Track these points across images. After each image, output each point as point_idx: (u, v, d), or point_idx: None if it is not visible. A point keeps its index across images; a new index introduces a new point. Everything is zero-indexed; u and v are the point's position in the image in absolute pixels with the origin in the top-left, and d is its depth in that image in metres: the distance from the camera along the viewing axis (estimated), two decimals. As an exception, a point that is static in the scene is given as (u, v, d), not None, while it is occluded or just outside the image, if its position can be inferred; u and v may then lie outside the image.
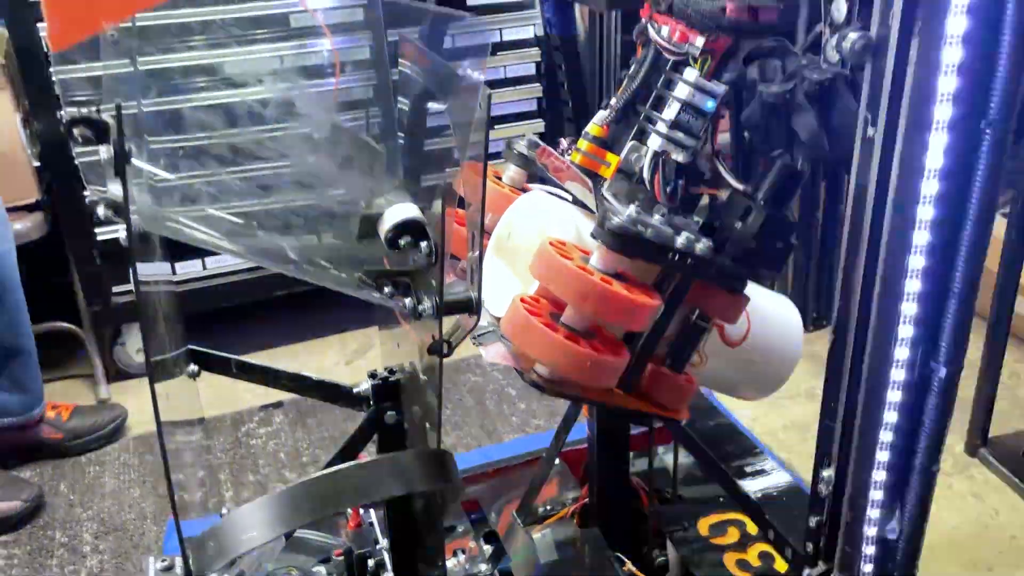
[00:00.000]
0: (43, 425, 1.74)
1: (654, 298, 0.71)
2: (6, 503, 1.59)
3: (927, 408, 0.65)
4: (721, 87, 0.75)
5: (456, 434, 1.80)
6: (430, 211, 0.66)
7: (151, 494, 1.69)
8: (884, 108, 0.61)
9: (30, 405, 1.70)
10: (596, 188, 0.79)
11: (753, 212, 0.76)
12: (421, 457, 0.63)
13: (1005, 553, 1.46)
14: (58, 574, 1.51)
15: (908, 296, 0.62)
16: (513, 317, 0.71)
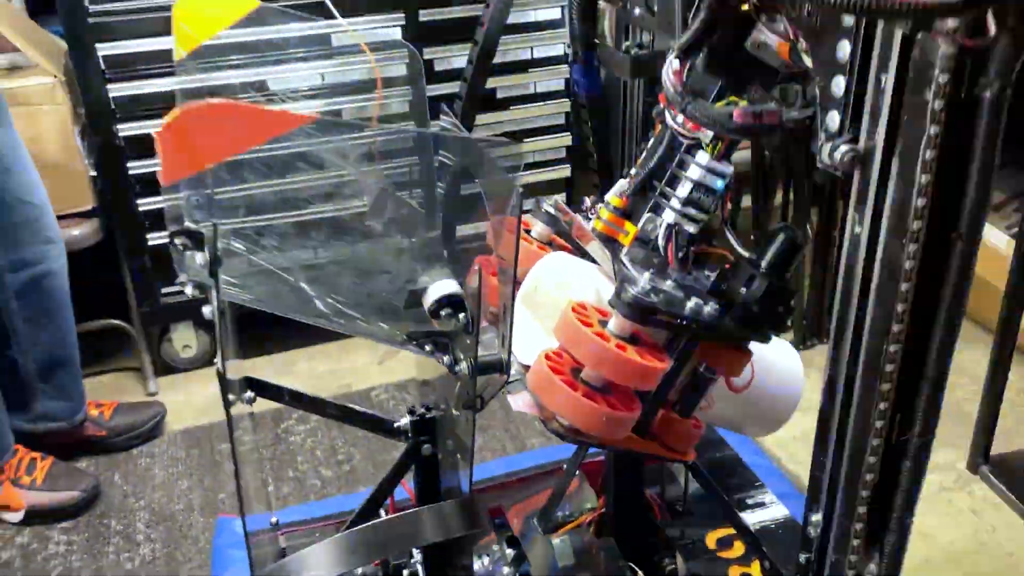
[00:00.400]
0: (87, 423, 1.87)
1: (664, 361, 0.80)
2: (66, 493, 1.72)
3: (902, 470, 0.74)
4: (730, 168, 0.83)
5: (482, 437, 1.90)
6: (467, 284, 0.76)
7: (198, 487, 1.81)
8: (869, 212, 0.69)
9: (73, 411, 1.82)
10: (615, 253, 0.87)
11: (757, 280, 0.84)
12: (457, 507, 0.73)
13: (1001, 570, 1.54)
14: (114, 560, 1.64)
15: (886, 376, 0.70)
16: (537, 374, 0.80)
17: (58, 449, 1.81)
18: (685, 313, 0.81)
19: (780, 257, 0.85)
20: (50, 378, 1.78)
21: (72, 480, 1.75)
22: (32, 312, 1.71)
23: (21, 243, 1.66)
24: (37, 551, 1.67)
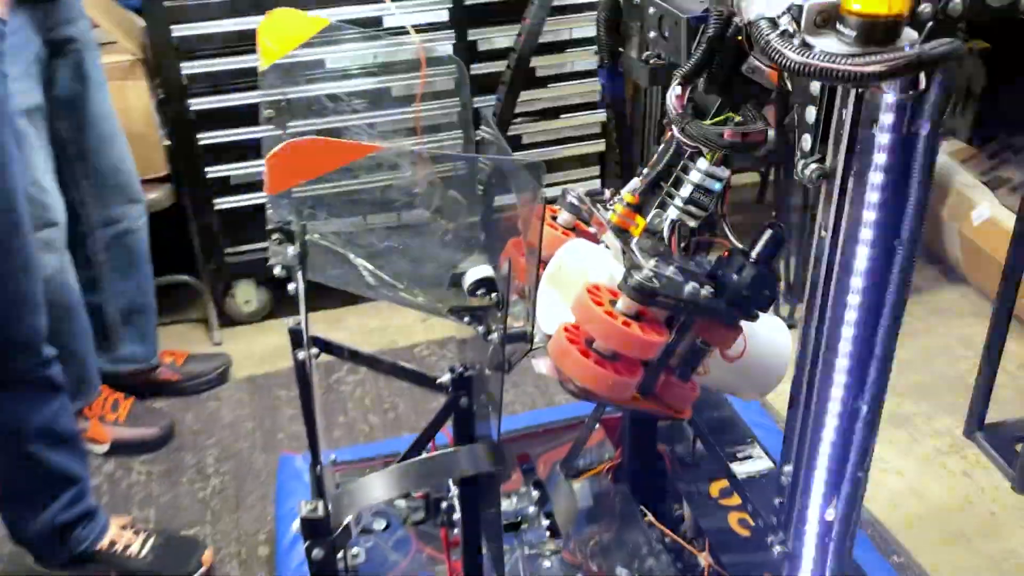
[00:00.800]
0: (162, 368, 2.09)
1: (663, 335, 0.96)
2: (145, 429, 1.95)
3: (856, 431, 0.89)
4: (726, 172, 0.97)
5: (514, 391, 2.08)
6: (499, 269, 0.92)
7: (260, 428, 2.02)
8: (831, 219, 0.83)
9: (149, 354, 2.04)
10: (626, 242, 1.03)
11: (747, 268, 0.99)
12: (487, 449, 0.90)
13: (983, 526, 1.68)
14: (188, 490, 1.87)
15: (842, 355, 0.85)
16: (557, 343, 0.96)
17: (136, 391, 2.04)
18: (683, 295, 0.97)
19: (767, 249, 1.00)
20: (130, 323, 1.99)
21: (151, 418, 1.97)
22: (117, 263, 1.92)
23: (111, 203, 1.86)
24: (121, 479, 1.89)
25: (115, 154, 1.84)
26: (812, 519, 0.96)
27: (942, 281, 2.42)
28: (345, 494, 0.86)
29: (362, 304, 2.37)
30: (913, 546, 1.63)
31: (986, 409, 1.86)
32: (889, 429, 1.93)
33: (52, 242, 1.69)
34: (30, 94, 1.63)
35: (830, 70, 0.64)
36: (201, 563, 1.62)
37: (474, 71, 2.21)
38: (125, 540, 1.61)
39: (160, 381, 2.08)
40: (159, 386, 2.09)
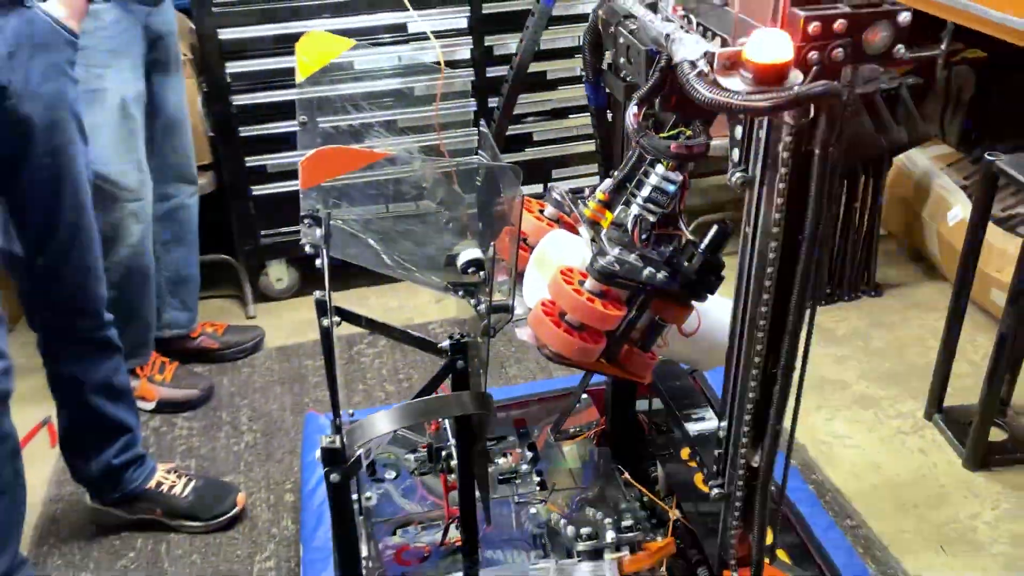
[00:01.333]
0: (203, 336, 2.32)
1: (621, 310, 1.16)
2: (188, 390, 2.18)
3: (773, 393, 1.09)
4: (680, 177, 1.17)
5: (517, 367, 2.29)
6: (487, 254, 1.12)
7: (288, 392, 2.25)
8: (752, 218, 1.03)
9: (191, 320, 2.29)
10: (597, 232, 1.23)
11: (696, 256, 1.19)
12: (474, 396, 1.11)
13: (932, 497, 1.86)
14: (224, 444, 2.10)
15: (760, 328, 1.05)
16: (535, 315, 1.17)
17: (180, 356, 2.28)
18: (641, 278, 1.16)
19: (714, 241, 1.19)
20: (176, 292, 2.23)
21: (192, 380, 2.21)
22: (168, 236, 2.17)
23: (169, 181, 2.11)
24: (166, 433, 2.13)
25: (180, 138, 2.09)
26: (741, 466, 1.16)
27: (922, 277, 2.59)
28: (357, 427, 1.07)
29: (383, 285, 2.59)
30: (867, 513, 1.82)
31: (944, 393, 2.04)
32: (857, 409, 2.11)
33: (138, 214, 1.94)
34: (137, 83, 1.88)
35: (729, 104, 0.84)
36: (235, 504, 1.85)
37: (490, 74, 2.41)
38: (170, 482, 1.85)
39: (201, 349, 2.32)
40: (200, 353, 2.33)
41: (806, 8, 0.87)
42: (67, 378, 1.71)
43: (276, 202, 2.43)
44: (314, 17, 2.26)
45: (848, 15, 0.87)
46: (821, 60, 0.88)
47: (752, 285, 1.06)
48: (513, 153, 2.55)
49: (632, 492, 1.70)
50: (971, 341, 2.22)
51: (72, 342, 1.69)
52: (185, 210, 2.17)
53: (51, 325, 1.67)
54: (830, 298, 2.49)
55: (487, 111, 2.44)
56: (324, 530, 1.61)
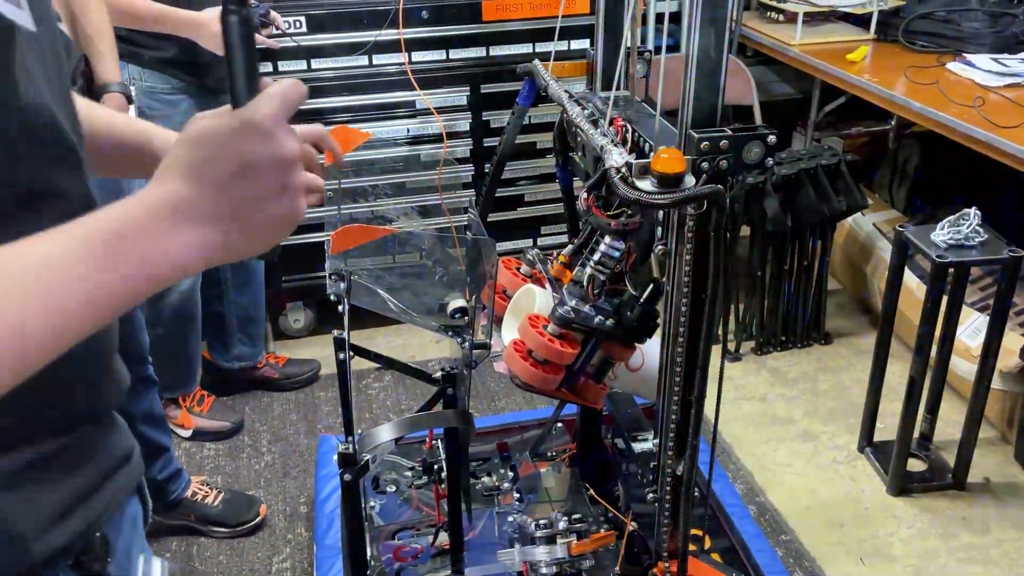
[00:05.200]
0: (267, 367, 2.65)
1: (576, 348, 1.47)
2: (222, 423, 2.49)
3: (690, 415, 1.40)
4: (622, 245, 1.50)
5: (506, 400, 2.60)
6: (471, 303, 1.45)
7: (303, 419, 2.56)
8: (672, 280, 1.35)
9: (257, 354, 2.61)
10: (560, 286, 1.55)
11: (637, 307, 1.51)
12: (458, 413, 1.43)
13: (856, 517, 2.16)
14: (246, 463, 2.41)
15: (677, 364, 1.37)
16: (508, 352, 1.48)
17: (246, 384, 2.61)
18: (593, 324, 1.48)
19: (652, 296, 1.51)
20: (244, 329, 2.56)
21: (226, 414, 2.52)
22: (237, 281, 2.50)
23: None
24: (195, 453, 2.44)
25: None
26: (668, 474, 1.47)
27: (867, 327, 2.91)
28: (366, 436, 1.38)
29: (388, 327, 2.92)
30: (800, 529, 2.11)
31: (873, 429, 2.34)
32: (800, 442, 2.42)
33: None
34: None
35: (639, 200, 1.17)
36: (259, 513, 2.15)
37: (486, 144, 2.77)
38: (202, 493, 2.15)
39: (265, 378, 2.65)
40: (263, 382, 2.65)
41: (700, 131, 1.21)
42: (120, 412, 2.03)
43: (295, 253, 2.77)
44: (335, 95, 2.62)
45: (730, 136, 1.21)
46: (708, 169, 1.21)
47: (671, 330, 1.38)
48: (506, 212, 2.89)
49: (600, 509, 2.00)
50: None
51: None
52: (252, 260, 2.53)
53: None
54: (784, 345, 2.80)
55: (482, 175, 2.79)
56: (334, 532, 1.91)
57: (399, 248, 1.53)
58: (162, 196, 0.59)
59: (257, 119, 0.60)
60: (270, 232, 0.63)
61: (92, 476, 0.76)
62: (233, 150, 0.59)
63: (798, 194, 2.49)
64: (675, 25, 3.24)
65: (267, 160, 0.60)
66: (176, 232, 0.58)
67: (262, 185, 0.60)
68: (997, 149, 2.13)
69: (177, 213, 0.58)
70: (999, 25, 2.72)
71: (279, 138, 0.60)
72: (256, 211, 0.61)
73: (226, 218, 0.60)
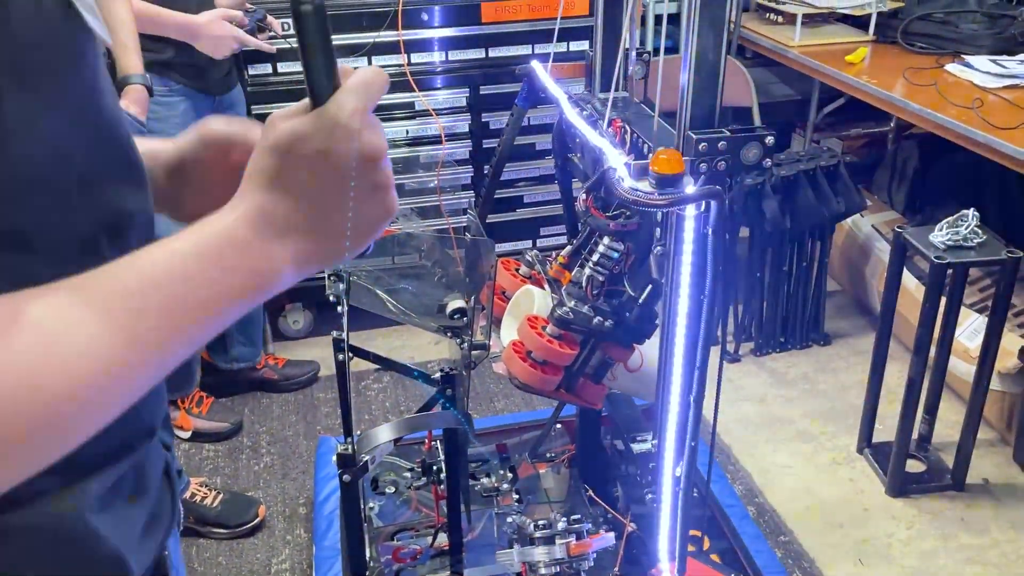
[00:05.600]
0: (266, 368, 2.65)
1: (574, 350, 1.48)
2: (219, 423, 2.49)
3: (688, 415, 1.40)
4: (621, 245, 1.50)
5: (505, 401, 2.60)
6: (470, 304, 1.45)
7: (302, 420, 2.56)
8: (670, 280, 1.35)
9: (255, 355, 2.61)
10: (558, 287, 1.55)
11: (636, 308, 1.51)
12: (456, 414, 1.43)
13: (855, 518, 2.16)
14: (245, 464, 2.41)
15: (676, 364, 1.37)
16: (507, 352, 1.49)
17: (245, 385, 2.60)
18: (591, 325, 1.49)
19: (650, 296, 1.52)
20: (242, 330, 2.55)
21: (224, 415, 2.51)
22: None
23: None
24: (195, 454, 2.44)
25: None
26: (667, 476, 1.47)
27: (867, 329, 2.91)
28: (365, 436, 1.39)
29: (387, 328, 2.91)
30: (799, 530, 2.11)
31: (872, 430, 2.34)
32: (799, 443, 2.42)
33: None
34: None
35: (638, 200, 1.17)
36: (257, 515, 2.15)
37: (485, 145, 2.77)
38: (201, 494, 2.15)
39: (264, 379, 2.65)
40: (262, 383, 2.65)
41: (698, 132, 1.21)
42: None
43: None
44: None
45: (728, 138, 1.21)
46: (708, 169, 1.22)
47: (670, 331, 1.38)
48: (505, 213, 2.89)
49: (598, 509, 2.01)
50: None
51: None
52: None
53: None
54: (783, 346, 2.80)
55: (481, 176, 2.79)
56: (333, 533, 1.91)
57: (398, 249, 1.53)
58: (255, 209, 0.56)
59: (343, 119, 0.56)
60: (365, 233, 0.60)
61: (156, 490, 0.75)
62: (319, 155, 0.56)
63: (797, 195, 2.49)
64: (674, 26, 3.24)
65: (355, 161, 0.57)
66: (276, 244, 0.56)
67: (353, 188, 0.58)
68: (995, 150, 2.13)
69: (274, 225, 0.56)
70: (997, 27, 2.72)
71: (366, 136, 0.57)
72: (348, 214, 0.58)
73: (320, 225, 0.57)
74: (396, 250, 1.53)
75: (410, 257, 1.50)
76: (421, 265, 1.52)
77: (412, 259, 1.50)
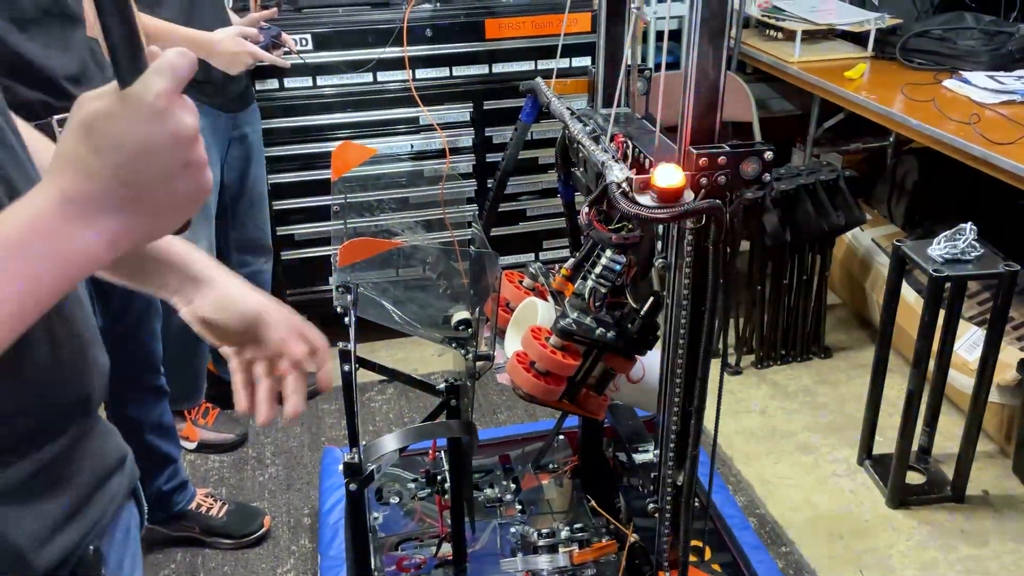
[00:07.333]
0: None
1: (577, 360, 1.50)
2: (225, 434, 2.51)
3: (690, 425, 1.42)
4: (623, 258, 1.52)
5: (508, 412, 2.62)
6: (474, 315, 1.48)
7: (307, 432, 2.58)
8: (672, 292, 1.38)
9: None
10: (562, 299, 1.58)
11: (638, 320, 1.53)
12: (462, 424, 1.45)
13: (856, 529, 2.17)
14: (250, 475, 2.42)
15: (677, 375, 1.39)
16: (511, 363, 1.51)
17: None
18: (594, 336, 1.51)
19: (652, 308, 1.54)
20: None
21: (230, 426, 2.53)
22: None
23: (248, 250, 2.50)
24: (200, 465, 2.46)
25: (260, 214, 2.49)
26: (668, 484, 1.49)
27: (867, 341, 2.93)
28: (371, 445, 1.41)
29: (391, 341, 2.94)
30: (800, 541, 2.13)
31: (872, 442, 2.36)
32: (799, 455, 2.43)
33: None
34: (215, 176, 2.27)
35: (639, 214, 1.20)
36: (263, 525, 2.17)
37: (488, 159, 2.80)
38: (207, 505, 2.17)
39: None
40: None
41: (698, 147, 1.24)
42: (129, 419, 2.04)
43: (300, 266, 2.80)
44: (340, 111, 2.66)
45: (728, 153, 1.24)
46: (707, 185, 1.24)
47: (671, 343, 1.40)
48: (508, 226, 2.92)
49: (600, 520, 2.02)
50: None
51: (137, 390, 2.02)
52: (260, 276, 2.56)
53: (122, 376, 2.01)
54: (783, 359, 2.82)
55: (485, 191, 2.82)
56: (338, 543, 1.93)
57: (404, 261, 1.56)
58: (59, 194, 0.56)
59: (149, 98, 0.56)
60: (179, 211, 0.61)
61: (85, 485, 0.75)
62: (128, 135, 0.56)
63: (797, 209, 2.52)
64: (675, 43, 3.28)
65: (166, 140, 0.57)
66: (83, 227, 0.56)
67: (163, 166, 0.58)
68: (993, 165, 2.16)
69: (79, 209, 0.56)
70: (994, 43, 2.76)
71: (174, 114, 0.58)
72: (160, 192, 0.58)
73: (130, 205, 0.58)
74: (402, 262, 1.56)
75: (416, 269, 1.52)
76: (426, 277, 1.54)
77: (418, 271, 1.53)
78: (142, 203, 0.58)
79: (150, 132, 0.57)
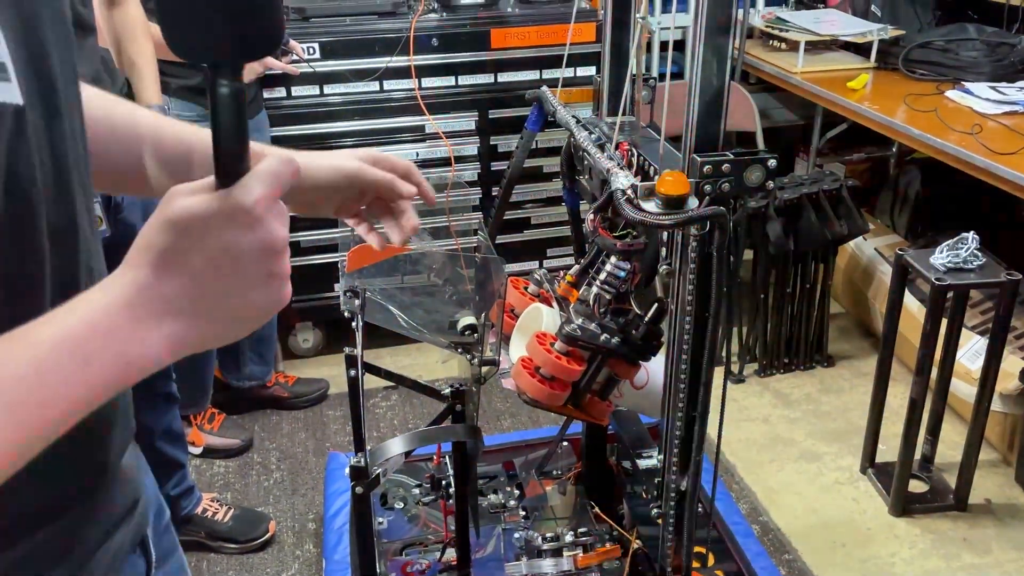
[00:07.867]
0: (276, 386, 2.68)
1: (582, 366, 1.51)
2: (230, 440, 2.52)
3: (693, 431, 1.43)
4: (627, 265, 1.54)
5: (512, 419, 2.64)
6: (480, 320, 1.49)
7: (311, 437, 2.60)
8: (676, 298, 1.39)
9: (267, 373, 2.64)
10: (566, 305, 1.59)
11: (642, 326, 1.55)
12: (467, 428, 1.46)
13: (859, 537, 2.18)
14: (255, 480, 2.44)
15: (681, 380, 1.40)
16: (516, 368, 1.52)
17: (255, 403, 2.63)
18: (599, 342, 1.52)
19: (656, 314, 1.56)
20: (255, 348, 2.59)
21: (236, 432, 2.55)
22: None
23: None
24: (206, 470, 2.47)
25: None
26: (672, 489, 1.50)
27: (869, 350, 2.94)
28: (377, 449, 1.42)
29: (396, 347, 2.95)
30: (803, 549, 2.13)
31: (875, 450, 2.36)
32: (803, 463, 2.44)
33: None
34: None
35: (644, 221, 1.21)
36: (267, 530, 2.18)
37: (493, 168, 2.82)
38: (213, 509, 2.18)
39: (274, 397, 2.68)
40: (273, 400, 2.69)
41: (703, 155, 1.25)
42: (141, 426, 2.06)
43: (305, 273, 2.82)
44: (346, 119, 2.68)
45: (732, 160, 1.25)
46: (711, 192, 1.26)
47: (675, 348, 1.42)
48: (513, 234, 2.94)
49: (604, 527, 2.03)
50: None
51: (148, 396, 2.04)
52: None
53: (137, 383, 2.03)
54: (787, 367, 2.83)
55: (490, 199, 2.84)
56: (343, 548, 1.94)
57: (411, 267, 1.58)
58: (133, 289, 0.53)
59: (247, 205, 0.53)
60: (248, 323, 0.58)
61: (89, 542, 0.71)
62: (217, 239, 0.53)
63: (800, 218, 2.54)
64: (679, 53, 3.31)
65: (254, 250, 0.54)
66: (148, 329, 0.54)
67: (246, 276, 0.55)
68: (995, 175, 2.18)
69: (151, 307, 0.53)
70: (996, 55, 2.78)
71: (268, 224, 0.54)
72: (236, 301, 0.55)
73: (203, 310, 0.55)
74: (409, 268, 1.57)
75: (422, 275, 1.54)
76: (433, 283, 1.56)
77: (424, 277, 1.54)
78: (216, 311, 0.55)
79: (241, 239, 0.54)
